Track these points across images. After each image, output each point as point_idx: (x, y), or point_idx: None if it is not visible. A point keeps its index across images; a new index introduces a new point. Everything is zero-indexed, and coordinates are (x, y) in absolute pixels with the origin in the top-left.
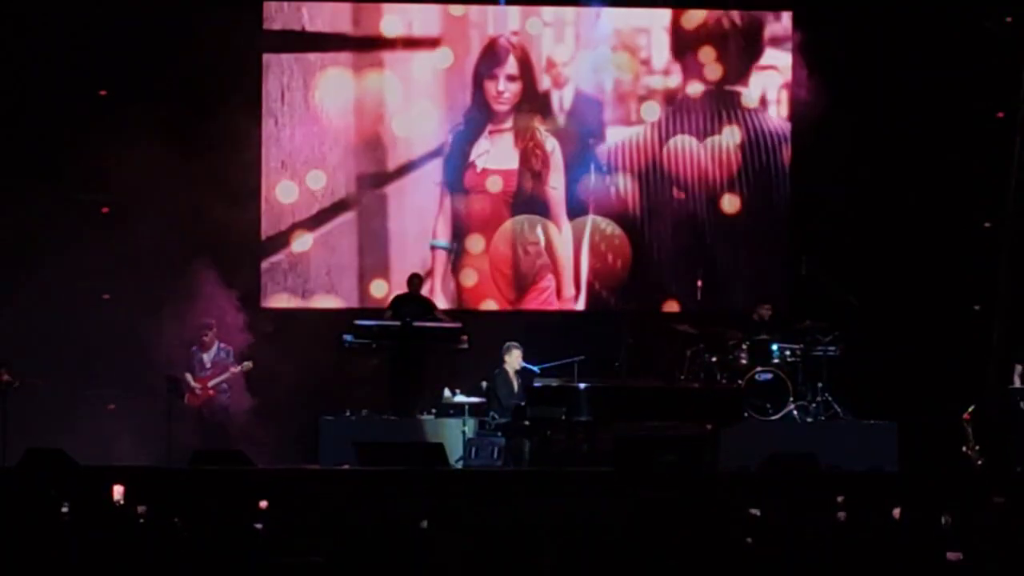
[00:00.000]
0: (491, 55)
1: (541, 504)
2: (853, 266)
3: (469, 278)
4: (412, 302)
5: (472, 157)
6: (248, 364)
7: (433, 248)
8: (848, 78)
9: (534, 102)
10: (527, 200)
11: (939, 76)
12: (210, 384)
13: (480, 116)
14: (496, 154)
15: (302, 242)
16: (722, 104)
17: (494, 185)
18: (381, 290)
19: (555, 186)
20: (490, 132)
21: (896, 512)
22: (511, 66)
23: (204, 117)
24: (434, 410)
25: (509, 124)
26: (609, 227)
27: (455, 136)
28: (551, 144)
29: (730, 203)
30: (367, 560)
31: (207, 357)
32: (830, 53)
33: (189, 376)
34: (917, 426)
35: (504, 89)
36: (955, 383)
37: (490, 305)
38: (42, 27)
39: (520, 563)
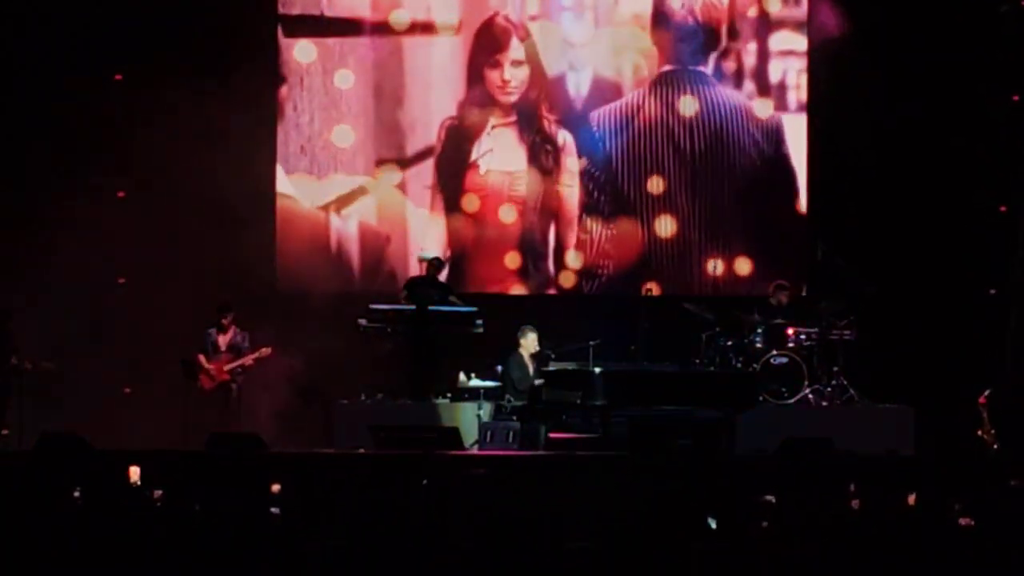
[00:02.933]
0: (490, 39)
1: (556, 488)
2: (869, 250)
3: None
4: (427, 285)
5: (474, 157)
6: (266, 350)
7: (421, 261)
8: (863, 61)
9: (544, 89)
10: (538, 202)
11: (954, 60)
12: (226, 368)
13: (481, 110)
14: (500, 153)
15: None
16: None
17: (500, 189)
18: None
19: (569, 184)
20: (493, 127)
21: (911, 498)
22: (516, 50)
23: (220, 101)
24: (449, 394)
25: (514, 117)
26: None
27: (449, 133)
28: (562, 137)
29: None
30: (382, 544)
31: (223, 340)
32: (846, 36)
33: (202, 358)
34: (933, 410)
35: (510, 77)
36: (971, 367)
37: (505, 289)
38: (58, 12)
39: (534, 547)
